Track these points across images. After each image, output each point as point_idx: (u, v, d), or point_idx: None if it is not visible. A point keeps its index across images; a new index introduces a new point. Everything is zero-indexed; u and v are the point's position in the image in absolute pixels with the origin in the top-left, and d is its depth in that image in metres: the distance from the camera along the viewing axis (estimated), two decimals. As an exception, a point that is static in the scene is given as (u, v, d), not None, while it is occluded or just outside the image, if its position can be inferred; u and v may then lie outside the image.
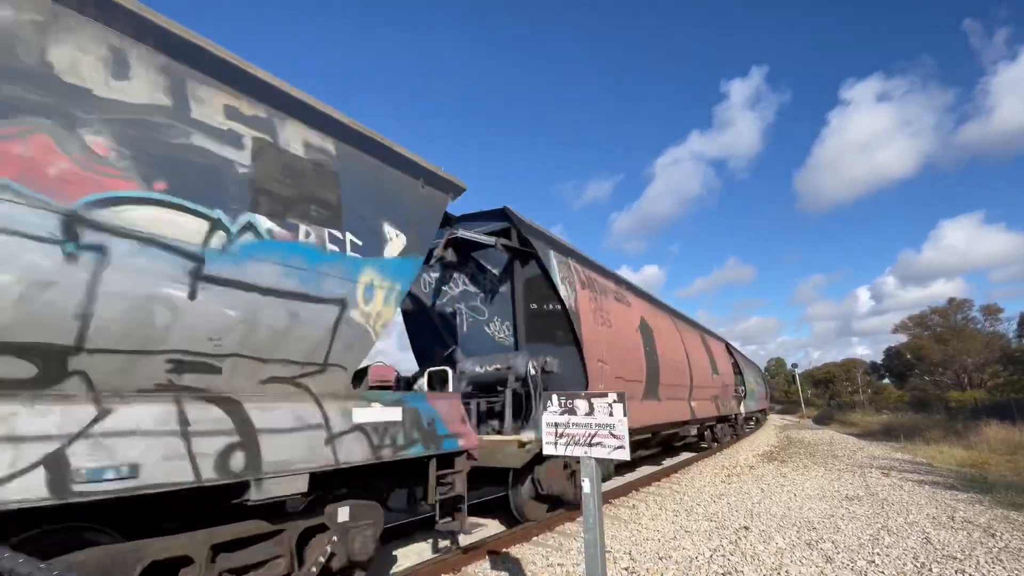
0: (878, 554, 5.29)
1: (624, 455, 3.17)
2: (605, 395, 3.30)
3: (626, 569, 4.94)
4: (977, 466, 11.68)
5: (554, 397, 3.57)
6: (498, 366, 7.10)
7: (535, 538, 6.03)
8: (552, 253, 7.39)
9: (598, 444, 3.27)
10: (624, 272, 10.38)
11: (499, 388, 7.10)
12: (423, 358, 8.53)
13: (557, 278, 7.07)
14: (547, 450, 3.55)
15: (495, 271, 7.77)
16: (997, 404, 26.04)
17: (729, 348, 21.52)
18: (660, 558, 5.24)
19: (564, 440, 3.45)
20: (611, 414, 3.24)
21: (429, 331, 8.56)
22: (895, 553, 5.32)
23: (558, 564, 5.05)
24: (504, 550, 5.49)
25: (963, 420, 22.44)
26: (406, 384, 5.39)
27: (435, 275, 8.49)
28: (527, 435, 6.14)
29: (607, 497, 8.14)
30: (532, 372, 6.70)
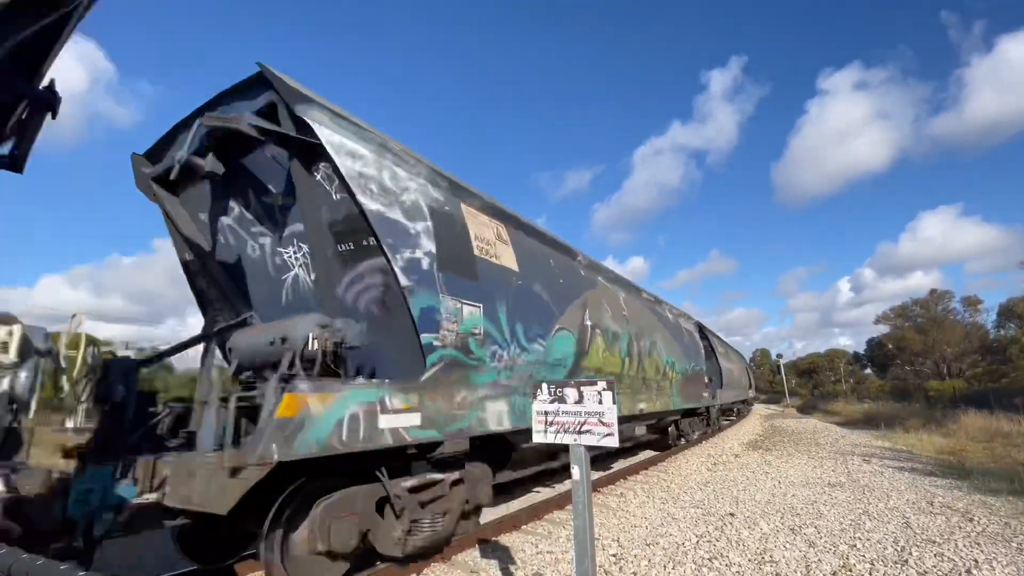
0: (859, 539, 5.40)
1: (613, 442, 3.18)
2: (594, 383, 3.31)
3: (614, 555, 4.99)
4: (955, 454, 11.96)
5: (544, 386, 3.58)
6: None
7: (524, 526, 6.06)
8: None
9: (587, 432, 3.28)
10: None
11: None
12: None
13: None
14: (537, 437, 3.56)
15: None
16: (975, 393, 26.69)
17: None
18: (648, 544, 5.30)
19: (554, 428, 3.46)
20: (600, 402, 3.25)
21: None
22: (876, 537, 5.44)
23: (547, 551, 5.08)
24: (493, 538, 5.51)
25: (942, 409, 22.97)
26: None
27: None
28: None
29: (595, 486, 8.20)
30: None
